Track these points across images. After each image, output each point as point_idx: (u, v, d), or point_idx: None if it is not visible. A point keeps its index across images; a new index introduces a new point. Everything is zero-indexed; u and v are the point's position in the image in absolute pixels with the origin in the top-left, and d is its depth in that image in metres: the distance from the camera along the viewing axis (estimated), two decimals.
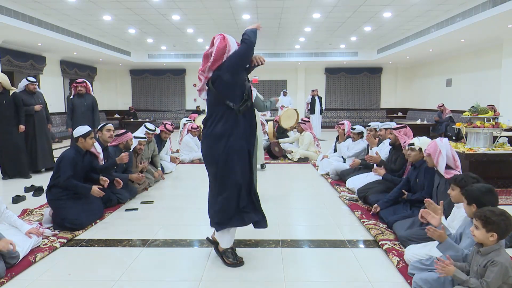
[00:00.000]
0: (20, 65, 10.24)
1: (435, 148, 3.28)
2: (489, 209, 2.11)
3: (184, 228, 3.75)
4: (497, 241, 2.06)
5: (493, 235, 2.04)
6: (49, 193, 3.72)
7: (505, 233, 2.05)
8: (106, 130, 4.56)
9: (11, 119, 6.01)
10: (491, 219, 2.04)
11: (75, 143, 3.93)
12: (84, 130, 3.86)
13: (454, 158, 3.26)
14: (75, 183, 3.68)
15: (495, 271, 1.97)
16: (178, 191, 5.33)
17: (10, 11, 7.49)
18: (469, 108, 5.82)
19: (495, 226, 2.03)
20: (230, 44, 2.78)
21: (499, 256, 2.01)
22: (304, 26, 10.36)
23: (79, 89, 6.61)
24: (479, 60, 10.97)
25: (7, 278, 2.63)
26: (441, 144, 3.26)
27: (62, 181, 3.62)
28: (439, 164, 3.25)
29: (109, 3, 7.86)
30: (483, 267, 2.03)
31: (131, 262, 2.94)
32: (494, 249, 2.05)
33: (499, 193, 4.95)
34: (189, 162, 7.63)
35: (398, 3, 7.98)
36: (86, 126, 3.94)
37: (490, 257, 2.03)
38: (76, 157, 3.77)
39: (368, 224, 3.63)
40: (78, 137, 3.85)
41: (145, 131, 5.57)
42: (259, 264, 2.89)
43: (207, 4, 8.02)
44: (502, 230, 2.03)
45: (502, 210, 2.11)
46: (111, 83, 16.67)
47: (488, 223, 2.05)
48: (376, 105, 16.63)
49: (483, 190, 2.47)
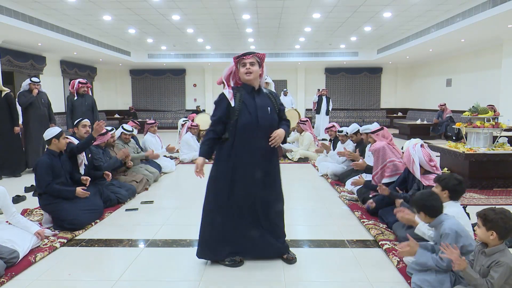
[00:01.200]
0: (20, 65, 10.24)
1: (408, 158, 3.38)
2: (491, 208, 2.13)
3: (184, 228, 3.74)
4: (499, 241, 2.06)
5: (493, 233, 2.05)
6: (41, 199, 3.68)
7: (506, 232, 2.05)
8: (81, 126, 4.56)
9: (4, 119, 6.06)
10: (489, 217, 2.06)
11: (47, 148, 3.80)
12: (55, 131, 3.75)
13: (429, 163, 3.31)
14: (57, 188, 3.61)
15: (500, 271, 1.98)
16: (178, 191, 5.33)
17: (10, 11, 7.49)
18: (469, 108, 5.82)
19: (494, 224, 2.04)
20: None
21: (504, 257, 2.02)
22: (304, 26, 10.35)
23: (83, 89, 6.64)
24: (479, 60, 10.97)
25: (7, 278, 2.63)
26: (413, 153, 3.35)
27: (44, 189, 3.59)
28: (414, 172, 3.35)
29: (109, 3, 7.86)
30: (486, 267, 2.04)
31: (131, 262, 2.94)
32: (499, 249, 2.05)
33: (499, 193, 4.97)
34: (189, 162, 7.63)
35: (398, 3, 7.98)
36: (56, 127, 3.84)
37: (495, 258, 2.03)
38: (51, 160, 3.68)
39: (368, 224, 3.63)
40: (51, 139, 3.73)
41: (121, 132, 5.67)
42: (259, 264, 2.89)
43: (207, 4, 8.01)
44: (501, 228, 2.04)
45: (503, 209, 2.11)
46: (111, 83, 16.67)
47: (487, 221, 2.07)
48: (376, 105, 16.62)
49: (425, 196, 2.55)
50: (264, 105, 2.76)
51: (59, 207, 3.61)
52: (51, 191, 3.60)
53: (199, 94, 16.86)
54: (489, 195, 4.87)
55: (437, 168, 3.32)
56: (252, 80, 2.77)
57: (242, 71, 2.76)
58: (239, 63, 2.81)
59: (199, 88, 16.85)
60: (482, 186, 5.18)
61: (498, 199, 4.73)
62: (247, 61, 2.74)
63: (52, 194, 3.62)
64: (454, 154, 5.43)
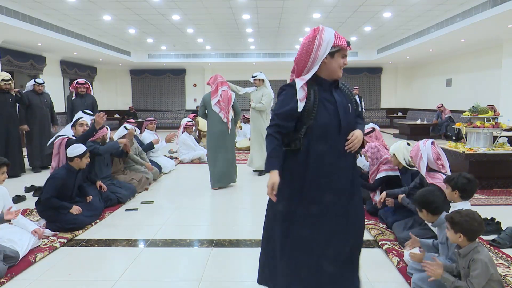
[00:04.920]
0: (20, 65, 10.24)
1: (416, 153, 3.35)
2: (458, 211, 2.18)
3: (184, 228, 3.75)
4: (468, 242, 2.09)
5: (460, 235, 2.10)
6: (39, 205, 3.66)
7: (472, 234, 2.09)
8: (79, 125, 4.52)
9: (12, 119, 6.10)
10: (455, 220, 2.12)
11: (67, 162, 3.75)
12: (80, 150, 3.67)
13: (437, 161, 3.28)
14: (55, 203, 3.56)
15: (477, 268, 2.00)
16: (178, 191, 5.33)
17: (10, 11, 7.49)
18: (469, 108, 5.82)
19: (459, 226, 2.09)
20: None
21: (477, 254, 2.06)
22: (304, 26, 10.35)
23: (81, 90, 6.66)
24: (479, 60, 10.97)
25: (7, 278, 2.63)
26: (423, 149, 3.31)
27: (43, 199, 3.58)
28: (420, 167, 3.32)
29: (109, 3, 7.86)
30: (467, 268, 2.07)
31: (131, 262, 2.94)
32: (471, 248, 2.09)
33: (499, 193, 4.97)
34: (189, 162, 7.63)
35: (398, 3, 7.97)
36: (81, 145, 3.74)
37: (470, 257, 2.07)
38: (67, 177, 3.66)
39: (368, 224, 3.63)
40: (73, 157, 3.66)
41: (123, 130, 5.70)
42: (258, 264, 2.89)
43: (207, 4, 8.01)
44: (466, 230, 2.08)
45: (470, 211, 2.17)
46: (111, 83, 16.67)
47: (453, 224, 2.12)
48: (376, 105, 16.63)
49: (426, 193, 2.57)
50: (344, 102, 2.08)
51: (58, 211, 3.60)
52: (48, 204, 3.55)
53: (199, 94, 16.83)
54: (489, 195, 4.87)
55: (444, 167, 3.29)
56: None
57: (340, 64, 2.04)
58: (336, 53, 2.03)
59: (199, 88, 16.84)
60: (482, 186, 5.18)
61: (498, 199, 4.73)
62: (347, 53, 2.07)
63: (48, 206, 3.57)
64: (454, 154, 5.43)
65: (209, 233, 3.60)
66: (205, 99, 5.45)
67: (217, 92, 5.33)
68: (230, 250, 3.20)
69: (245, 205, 4.73)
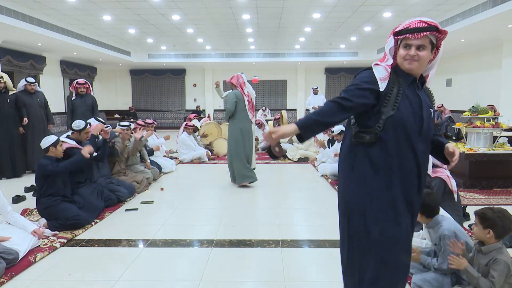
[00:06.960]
0: (20, 65, 10.23)
1: None
2: (489, 207, 2.13)
3: (184, 228, 3.75)
4: (495, 239, 2.06)
5: (490, 232, 2.06)
6: (39, 204, 3.66)
7: (502, 232, 2.06)
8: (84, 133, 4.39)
9: (12, 119, 6.06)
10: (487, 216, 2.07)
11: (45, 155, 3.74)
12: (52, 140, 3.70)
13: None
14: (65, 164, 3.67)
15: (499, 269, 1.99)
16: (178, 191, 5.33)
17: (10, 11, 7.49)
18: (469, 108, 5.82)
19: (491, 223, 2.05)
20: None
21: (501, 255, 2.03)
22: (304, 26, 10.35)
23: (81, 90, 6.63)
24: (479, 60, 10.97)
25: (7, 278, 2.63)
26: None
27: (54, 171, 3.59)
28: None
29: (109, 3, 7.86)
30: (485, 265, 2.04)
31: (131, 262, 2.94)
32: (496, 247, 2.06)
33: (499, 193, 4.98)
34: (189, 162, 7.63)
35: (398, 3, 7.98)
36: (52, 136, 3.79)
37: (492, 256, 2.04)
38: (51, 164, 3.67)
39: None
40: (48, 147, 3.68)
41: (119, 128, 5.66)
42: (259, 264, 2.89)
43: (207, 4, 8.01)
44: (498, 227, 2.05)
45: (501, 209, 2.12)
46: (111, 83, 16.67)
47: (484, 220, 2.08)
48: None
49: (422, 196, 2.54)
50: (429, 104, 1.83)
51: (59, 208, 3.61)
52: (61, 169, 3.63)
53: (199, 94, 16.86)
54: (489, 195, 4.87)
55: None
56: (414, 70, 1.76)
57: (402, 55, 1.75)
58: (400, 41, 1.76)
59: (199, 88, 16.84)
60: (482, 186, 5.18)
61: (498, 199, 4.73)
62: (413, 43, 1.70)
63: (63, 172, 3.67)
64: None
65: (209, 233, 3.60)
66: (238, 96, 5.45)
67: (243, 91, 5.49)
68: (230, 250, 3.20)
69: (245, 205, 4.73)
